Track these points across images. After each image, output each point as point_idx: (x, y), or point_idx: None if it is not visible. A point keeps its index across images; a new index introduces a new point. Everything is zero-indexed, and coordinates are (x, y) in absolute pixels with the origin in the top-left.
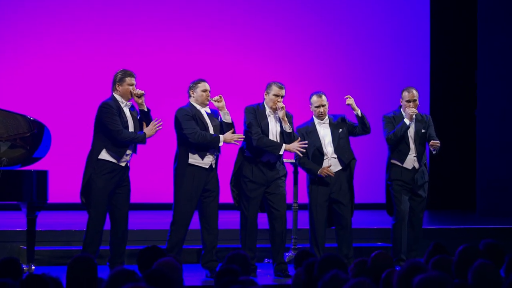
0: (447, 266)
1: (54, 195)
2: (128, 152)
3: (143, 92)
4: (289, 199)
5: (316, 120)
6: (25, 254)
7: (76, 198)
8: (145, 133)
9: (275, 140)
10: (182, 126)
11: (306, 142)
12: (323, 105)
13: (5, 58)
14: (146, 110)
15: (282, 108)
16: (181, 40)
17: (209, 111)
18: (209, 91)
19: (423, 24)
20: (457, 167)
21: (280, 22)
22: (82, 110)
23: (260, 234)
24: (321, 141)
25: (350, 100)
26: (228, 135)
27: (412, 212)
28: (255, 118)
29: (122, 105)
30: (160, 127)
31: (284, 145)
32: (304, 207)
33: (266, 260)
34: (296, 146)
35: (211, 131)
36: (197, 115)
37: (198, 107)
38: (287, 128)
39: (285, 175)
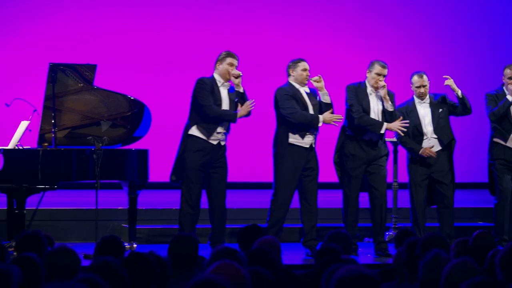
0: None
1: (155, 174)
2: (220, 130)
3: (240, 73)
4: (389, 178)
5: (416, 100)
6: (126, 233)
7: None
8: (236, 113)
9: (377, 118)
10: (283, 105)
11: (408, 121)
12: (423, 85)
13: (107, 38)
14: (241, 91)
15: (383, 86)
16: (280, 21)
17: (308, 90)
18: (309, 71)
19: None
20: None
21: (376, 1)
22: (182, 88)
23: (361, 213)
24: (421, 121)
25: (450, 81)
26: (327, 116)
27: None
28: (356, 97)
29: (219, 84)
30: (252, 107)
31: (385, 123)
32: (405, 186)
33: (366, 239)
34: (397, 125)
35: (311, 110)
36: (297, 95)
37: (297, 86)
38: (389, 106)
39: (387, 155)
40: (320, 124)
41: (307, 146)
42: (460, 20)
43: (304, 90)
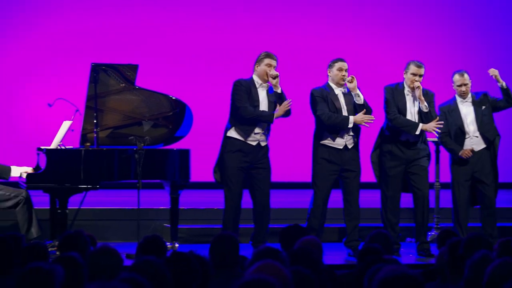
0: None
1: (197, 174)
2: (257, 130)
3: (277, 74)
4: (432, 178)
5: (458, 99)
6: (168, 232)
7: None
8: (273, 113)
9: (413, 119)
10: (314, 107)
11: (442, 122)
12: (465, 84)
13: (149, 38)
14: (279, 92)
15: (418, 87)
16: (321, 20)
17: (344, 90)
18: (346, 71)
19: None
20: None
21: (414, 1)
22: (225, 88)
23: (402, 213)
24: (463, 120)
25: (495, 72)
26: (359, 117)
27: None
28: (392, 98)
29: (257, 85)
30: (289, 107)
31: (420, 124)
32: (447, 186)
33: (408, 239)
34: (432, 126)
35: (344, 112)
36: (330, 96)
37: (334, 86)
38: (424, 107)
39: (428, 155)
40: (350, 125)
41: (340, 147)
42: (496, 15)
43: (340, 91)
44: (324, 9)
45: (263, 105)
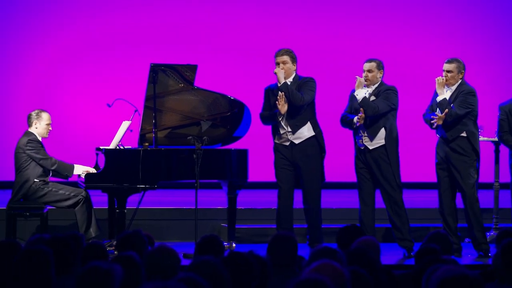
0: None
1: (254, 174)
2: (281, 131)
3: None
4: (490, 178)
5: None
6: (226, 232)
7: (273, 177)
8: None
9: None
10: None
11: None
12: None
13: (207, 38)
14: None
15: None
16: (357, 21)
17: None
18: (364, 71)
19: None
20: None
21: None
22: None
23: (460, 213)
24: None
25: None
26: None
27: None
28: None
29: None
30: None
31: None
32: (506, 186)
33: (467, 240)
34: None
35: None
36: (353, 97)
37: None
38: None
39: (469, 154)
40: (353, 126)
41: (362, 148)
42: None
43: (359, 92)
44: (361, 8)
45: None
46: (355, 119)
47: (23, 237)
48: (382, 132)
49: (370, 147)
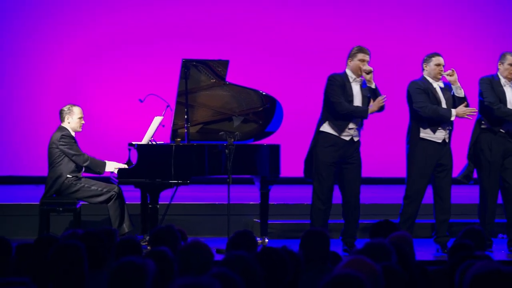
0: None
1: (286, 169)
2: (351, 126)
3: (371, 69)
4: None
5: None
6: (258, 227)
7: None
8: (367, 109)
9: None
10: (414, 99)
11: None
12: None
13: (239, 33)
14: (373, 87)
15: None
16: (415, 15)
17: (442, 85)
18: (443, 66)
19: None
20: None
21: None
22: (316, 84)
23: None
24: None
25: None
26: (460, 110)
27: None
28: (491, 89)
29: (351, 80)
30: (383, 103)
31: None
32: None
33: (500, 236)
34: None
35: (444, 105)
36: (429, 89)
37: (430, 80)
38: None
39: None
40: (452, 118)
41: (439, 141)
42: None
43: (438, 85)
44: (418, 4)
45: (357, 100)
46: (464, 111)
47: (57, 232)
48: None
49: (447, 140)
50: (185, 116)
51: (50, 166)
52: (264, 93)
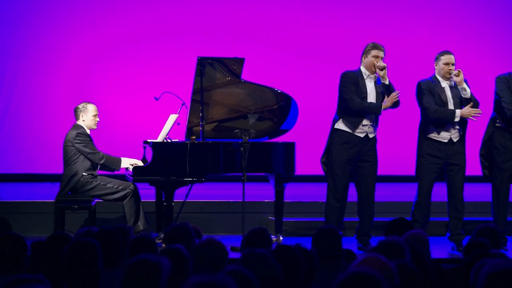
0: None
1: (301, 167)
2: (365, 122)
3: (385, 65)
4: None
5: None
6: (273, 225)
7: (320, 170)
8: (380, 105)
9: None
10: (420, 99)
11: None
12: None
13: (255, 31)
14: (387, 83)
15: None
16: (428, 13)
17: (452, 84)
18: (452, 64)
19: None
20: None
21: None
22: (331, 81)
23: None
24: None
25: None
26: (466, 110)
27: None
28: (507, 88)
29: (365, 77)
30: (396, 98)
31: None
32: None
33: None
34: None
35: (451, 105)
36: (436, 89)
37: (440, 79)
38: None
39: None
40: (457, 119)
41: (445, 140)
42: None
43: (447, 84)
44: (430, 1)
45: (371, 97)
46: (469, 112)
47: (72, 229)
48: (463, 124)
49: (455, 140)
50: (200, 114)
51: (66, 164)
52: (279, 91)
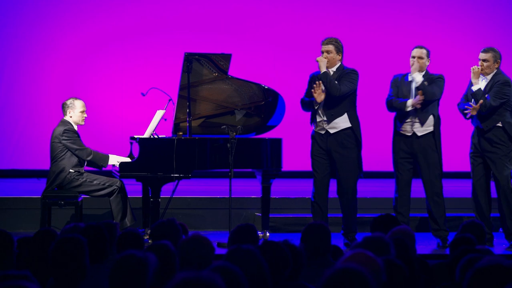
0: None
1: (288, 163)
2: (318, 119)
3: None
4: None
5: None
6: (260, 221)
7: (307, 166)
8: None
9: None
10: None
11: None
12: None
13: (241, 27)
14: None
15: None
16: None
17: (421, 78)
18: (418, 58)
19: None
20: None
21: None
22: None
23: (493, 203)
24: None
25: None
26: (414, 99)
27: None
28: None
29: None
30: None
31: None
32: None
33: (501, 230)
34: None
35: (412, 97)
36: (402, 83)
37: (411, 73)
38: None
39: (496, 142)
40: (408, 109)
41: (409, 134)
42: None
43: (415, 77)
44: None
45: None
46: (411, 102)
47: (58, 225)
48: (431, 119)
49: (419, 134)
50: (187, 110)
51: (53, 160)
52: (266, 87)
